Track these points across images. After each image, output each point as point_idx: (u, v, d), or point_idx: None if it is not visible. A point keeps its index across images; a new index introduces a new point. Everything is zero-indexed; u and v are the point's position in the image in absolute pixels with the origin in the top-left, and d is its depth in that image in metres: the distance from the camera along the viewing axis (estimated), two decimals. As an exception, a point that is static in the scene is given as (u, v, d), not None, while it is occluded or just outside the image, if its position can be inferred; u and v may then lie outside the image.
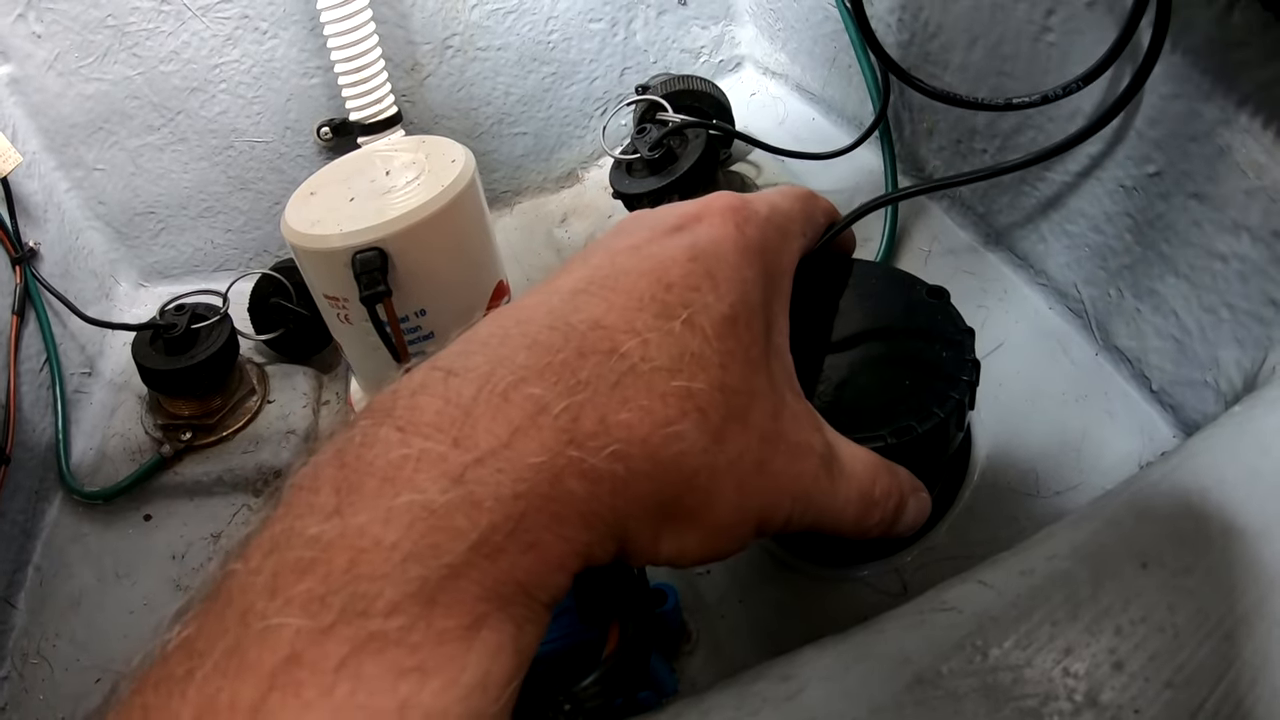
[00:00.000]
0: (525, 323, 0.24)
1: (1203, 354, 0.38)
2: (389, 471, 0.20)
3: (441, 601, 0.19)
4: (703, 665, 0.42)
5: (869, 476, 0.29)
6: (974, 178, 0.41)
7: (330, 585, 0.18)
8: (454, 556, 0.19)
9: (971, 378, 0.34)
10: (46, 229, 0.67)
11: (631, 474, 0.22)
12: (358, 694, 0.17)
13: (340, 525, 0.19)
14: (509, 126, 0.78)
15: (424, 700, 0.18)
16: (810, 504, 0.27)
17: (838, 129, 0.70)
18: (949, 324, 0.36)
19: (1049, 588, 0.27)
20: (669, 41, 0.80)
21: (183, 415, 0.60)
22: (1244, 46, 0.34)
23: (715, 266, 0.26)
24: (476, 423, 0.21)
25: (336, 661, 0.17)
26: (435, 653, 0.18)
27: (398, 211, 0.50)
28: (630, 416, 0.22)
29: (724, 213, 0.28)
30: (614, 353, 0.23)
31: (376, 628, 0.18)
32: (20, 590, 0.55)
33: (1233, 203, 0.36)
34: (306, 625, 0.18)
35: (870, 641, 0.28)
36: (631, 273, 0.25)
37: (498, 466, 0.20)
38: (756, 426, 0.25)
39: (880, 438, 0.32)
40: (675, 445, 0.23)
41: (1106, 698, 0.24)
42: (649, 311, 0.24)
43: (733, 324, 0.25)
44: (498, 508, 0.20)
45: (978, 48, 0.49)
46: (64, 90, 0.68)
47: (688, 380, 0.24)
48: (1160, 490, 0.29)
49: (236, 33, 0.68)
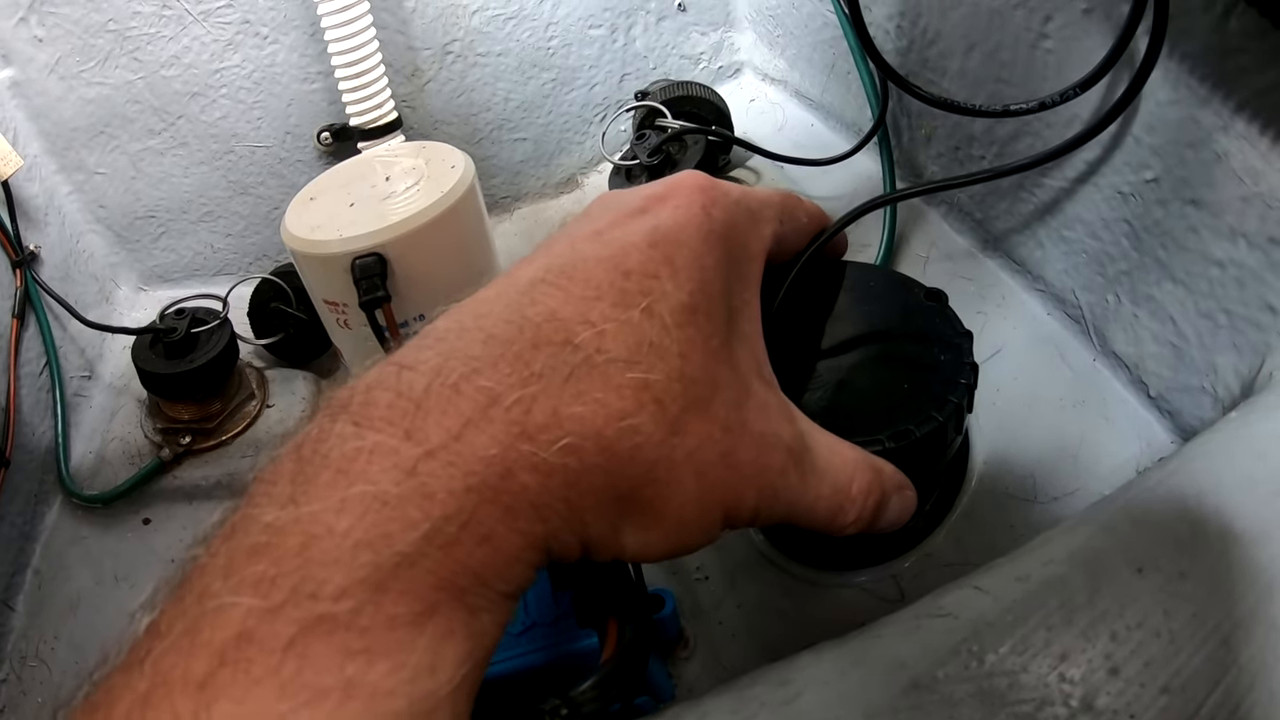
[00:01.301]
0: (482, 316, 0.24)
1: (1200, 360, 0.38)
2: (343, 464, 0.20)
3: (393, 589, 0.19)
4: (700, 671, 0.41)
5: (845, 473, 0.29)
6: (970, 180, 0.41)
7: (281, 568, 0.19)
8: (406, 545, 0.19)
9: (970, 381, 0.34)
10: (47, 232, 0.68)
11: (585, 468, 0.22)
12: (304, 672, 0.18)
13: (294, 513, 0.19)
14: (509, 132, 0.78)
15: (370, 680, 0.18)
16: (778, 497, 0.26)
17: (836, 135, 0.70)
18: (947, 327, 0.36)
19: (1045, 593, 0.27)
20: (668, 48, 0.80)
21: (182, 419, 0.60)
22: (1241, 53, 0.34)
23: (675, 252, 0.25)
24: (428, 415, 0.21)
25: (285, 640, 0.18)
26: (384, 636, 0.18)
27: (397, 217, 0.50)
28: (583, 410, 0.22)
29: (690, 193, 0.27)
30: (568, 344, 0.23)
31: (325, 610, 0.18)
32: (19, 593, 0.55)
33: (1230, 209, 0.36)
34: (257, 605, 0.18)
35: (867, 647, 0.28)
36: (590, 260, 0.25)
37: (449, 460, 0.20)
38: (718, 417, 0.25)
39: (878, 441, 0.32)
40: (630, 438, 0.23)
41: (1102, 703, 0.24)
42: (606, 301, 0.24)
43: (692, 312, 0.25)
44: (450, 500, 0.20)
45: (975, 54, 0.49)
46: (65, 94, 0.68)
47: (645, 371, 0.23)
48: (1156, 495, 0.29)
49: (237, 38, 0.68)
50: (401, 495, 0.20)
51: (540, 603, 0.38)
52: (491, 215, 0.76)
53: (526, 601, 0.39)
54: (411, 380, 0.22)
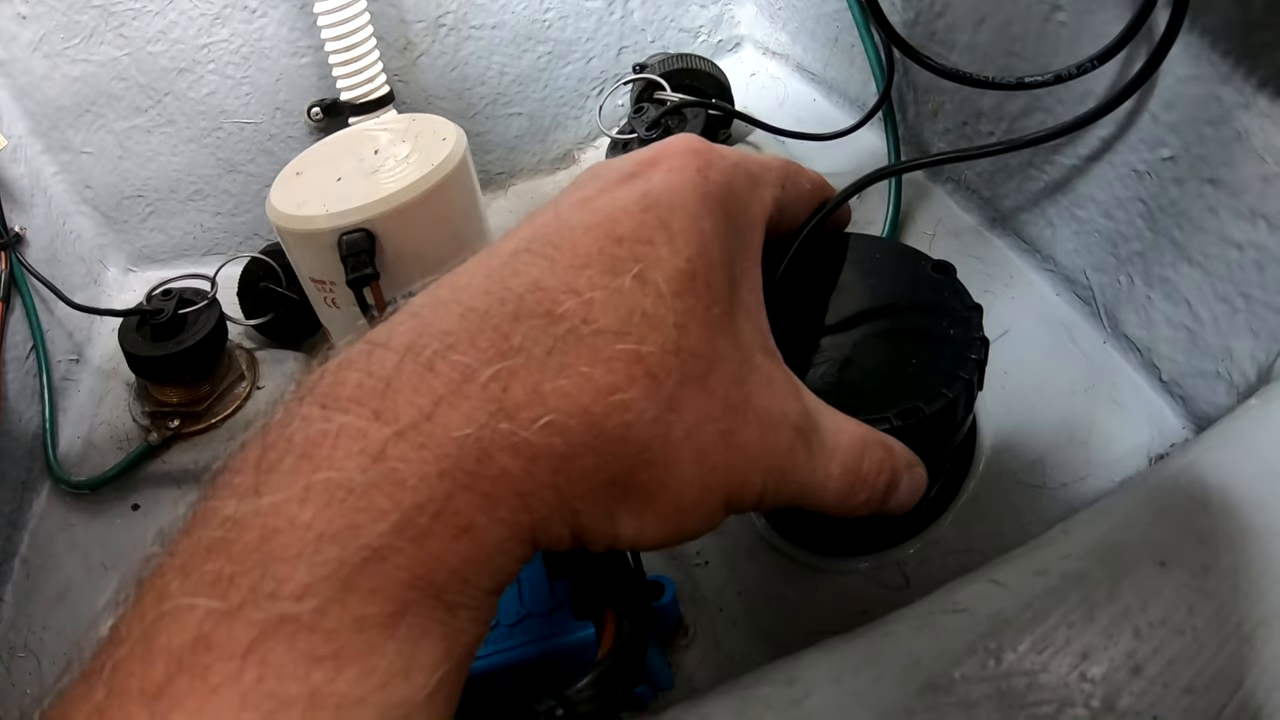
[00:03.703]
0: (460, 289, 0.22)
1: (1215, 344, 0.37)
2: (307, 449, 0.19)
3: (360, 586, 0.17)
4: (700, 659, 0.41)
5: (855, 452, 0.27)
6: (981, 154, 0.40)
7: (240, 565, 0.17)
8: (373, 538, 0.18)
9: (981, 356, 0.32)
10: (33, 214, 0.66)
11: (572, 449, 0.20)
12: (266, 680, 0.16)
13: (255, 504, 0.18)
14: (503, 107, 0.77)
15: (338, 689, 0.17)
16: (785, 479, 0.25)
17: (839, 110, 0.69)
18: (955, 300, 0.34)
19: (1065, 588, 0.26)
20: (667, 20, 0.79)
21: (171, 402, 0.59)
22: (1264, 28, 0.33)
23: (671, 216, 0.23)
24: (398, 394, 0.19)
25: (244, 645, 0.17)
26: (352, 640, 0.17)
27: (386, 191, 0.48)
28: (568, 384, 0.20)
29: (684, 155, 0.25)
30: (551, 315, 0.21)
31: (286, 610, 0.17)
32: (7, 582, 0.54)
33: (1250, 189, 0.35)
34: (215, 606, 0.17)
35: (878, 644, 0.27)
36: (577, 228, 0.23)
37: (420, 442, 0.19)
38: (719, 393, 0.23)
39: (885, 419, 0.30)
40: (621, 415, 0.21)
41: (1125, 703, 0.23)
42: (594, 269, 0.22)
43: (691, 279, 0.23)
44: (421, 487, 0.18)
45: (985, 27, 0.47)
46: (50, 72, 0.66)
47: (636, 343, 0.21)
48: (1178, 486, 0.28)
49: (225, 11, 0.67)
50: (369, 482, 0.18)
51: (535, 593, 0.38)
52: (486, 192, 0.75)
53: (521, 591, 0.38)
54: (382, 358, 0.20)
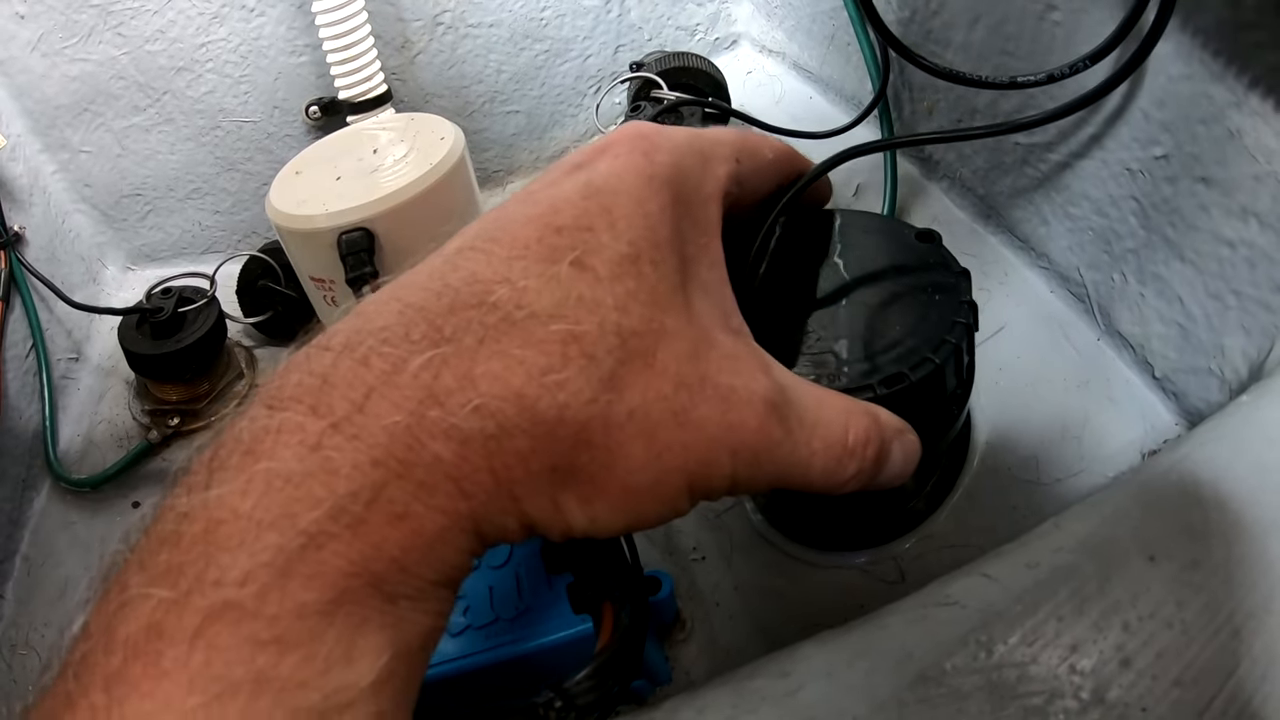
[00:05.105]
0: (402, 287, 0.22)
1: (1207, 341, 0.38)
2: (252, 444, 0.19)
3: (298, 573, 0.18)
4: (697, 654, 0.41)
5: (839, 423, 0.25)
6: (960, 136, 0.40)
7: (187, 554, 0.18)
8: (309, 524, 0.18)
9: (968, 320, 0.31)
10: (32, 213, 0.66)
11: (504, 431, 0.20)
12: (213, 664, 0.17)
13: (203, 497, 0.19)
14: (501, 105, 0.77)
15: (281, 673, 0.17)
16: (760, 458, 0.24)
17: (835, 108, 0.69)
18: (941, 266, 0.33)
19: (1055, 582, 0.26)
20: (664, 18, 0.79)
21: (170, 400, 0.59)
22: (1256, 28, 0.33)
23: (613, 201, 0.23)
24: (334, 389, 0.20)
25: (191, 631, 0.17)
26: (294, 626, 0.18)
27: (385, 190, 0.49)
28: (499, 367, 0.20)
29: (629, 141, 0.25)
30: (484, 304, 0.21)
31: (230, 596, 0.17)
32: (8, 580, 0.55)
33: (1242, 188, 0.35)
34: (166, 595, 0.18)
35: (871, 636, 0.27)
36: (518, 220, 0.23)
37: (353, 433, 0.19)
38: (669, 370, 0.22)
39: (869, 388, 0.29)
40: (554, 395, 0.20)
41: (1114, 695, 0.24)
42: (531, 257, 0.22)
43: (633, 261, 0.23)
44: (355, 475, 0.19)
45: (980, 26, 0.48)
46: (48, 71, 0.67)
47: (571, 324, 0.21)
48: (1168, 481, 0.28)
49: (223, 10, 0.67)
50: (306, 472, 0.19)
51: (533, 588, 0.38)
52: (484, 190, 0.75)
53: (520, 586, 0.38)
54: (320, 358, 0.21)
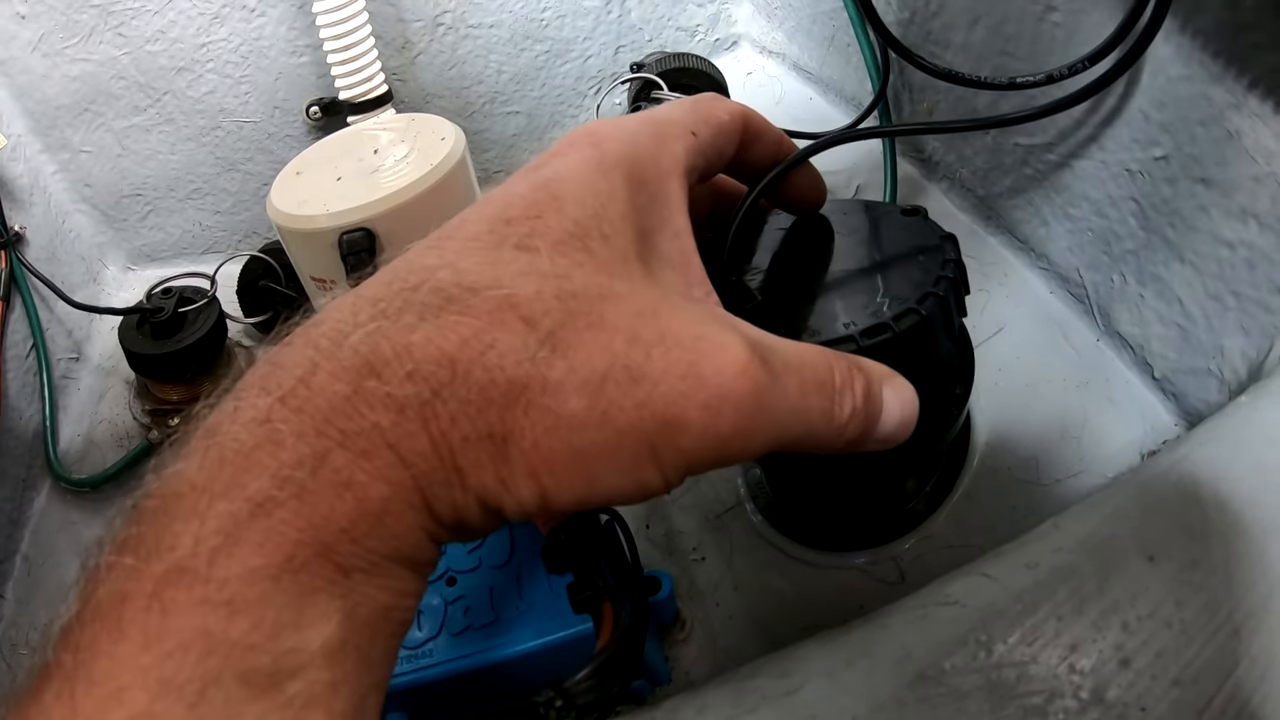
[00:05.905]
0: (363, 285, 0.23)
1: (1207, 342, 0.38)
2: (212, 426, 0.21)
3: (248, 539, 0.19)
4: (697, 654, 0.41)
5: (822, 363, 0.24)
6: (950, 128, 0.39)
7: (148, 526, 0.19)
8: (256, 491, 0.19)
9: (953, 275, 0.31)
10: (32, 212, 0.66)
11: (438, 396, 0.20)
12: (166, 624, 0.18)
13: (165, 475, 0.20)
14: (501, 105, 0.77)
15: (231, 635, 0.18)
16: (747, 407, 0.22)
17: (835, 109, 0.69)
18: (927, 233, 0.33)
19: (1054, 581, 0.26)
20: (664, 19, 0.79)
21: (171, 400, 0.59)
22: (1255, 29, 0.33)
23: (562, 189, 0.24)
24: (283, 369, 0.21)
25: (149, 593, 0.18)
26: (244, 590, 0.18)
27: (386, 191, 0.49)
28: (431, 332, 0.20)
29: (582, 136, 0.26)
30: (424, 285, 0.21)
31: (182, 560, 0.18)
32: (8, 580, 0.55)
33: (1241, 189, 0.35)
34: (129, 564, 0.19)
35: (871, 636, 0.28)
36: (471, 219, 0.24)
37: (297, 405, 0.20)
38: (620, 327, 0.21)
39: (850, 340, 0.28)
40: (488, 357, 0.20)
41: (1113, 695, 0.24)
42: (479, 244, 0.23)
43: (580, 238, 0.23)
44: (299, 444, 0.19)
45: (980, 27, 0.48)
46: (49, 71, 0.67)
47: (508, 291, 0.21)
48: (1168, 481, 0.28)
49: (224, 11, 0.67)
50: (254, 443, 0.20)
51: (534, 588, 0.38)
52: (484, 190, 0.75)
53: (520, 586, 0.38)
54: (278, 350, 0.22)
